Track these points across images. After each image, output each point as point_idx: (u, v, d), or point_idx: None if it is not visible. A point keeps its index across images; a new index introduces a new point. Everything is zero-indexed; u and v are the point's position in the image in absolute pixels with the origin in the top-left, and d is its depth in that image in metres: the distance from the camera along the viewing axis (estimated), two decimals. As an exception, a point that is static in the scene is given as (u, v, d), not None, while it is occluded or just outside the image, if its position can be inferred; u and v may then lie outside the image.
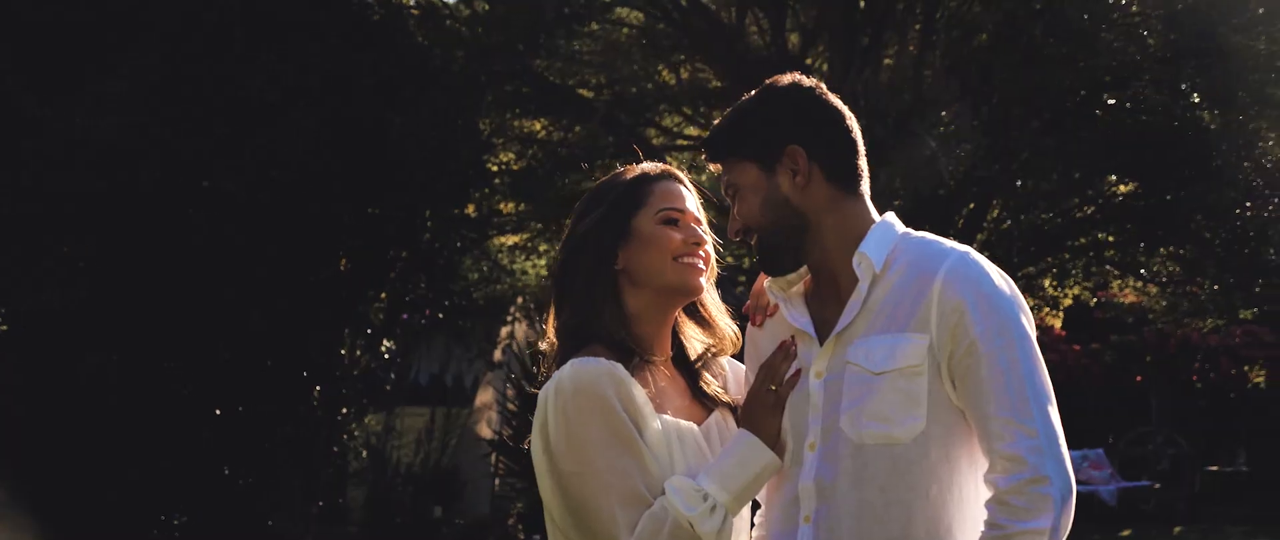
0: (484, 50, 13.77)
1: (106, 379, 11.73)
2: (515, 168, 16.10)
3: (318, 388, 12.94)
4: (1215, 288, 13.93)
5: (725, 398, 3.49)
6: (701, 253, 3.39)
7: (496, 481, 16.57)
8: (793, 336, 3.36)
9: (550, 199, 15.52)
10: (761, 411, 3.31)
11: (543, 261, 17.46)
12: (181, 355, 12.32)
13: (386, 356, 14.02)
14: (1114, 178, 14.83)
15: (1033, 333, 3.15)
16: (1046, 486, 2.99)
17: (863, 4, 14.79)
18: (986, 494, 3.09)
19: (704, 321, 3.55)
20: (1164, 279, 15.86)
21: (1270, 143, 13.10)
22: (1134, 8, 13.24)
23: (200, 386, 12.35)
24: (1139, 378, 23.02)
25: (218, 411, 12.42)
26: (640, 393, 3.21)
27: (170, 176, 11.90)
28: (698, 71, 16.78)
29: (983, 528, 3.03)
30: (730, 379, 3.59)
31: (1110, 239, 15.31)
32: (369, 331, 13.60)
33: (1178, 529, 19.10)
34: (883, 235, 3.26)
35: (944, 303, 3.11)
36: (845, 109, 3.35)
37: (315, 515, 13.29)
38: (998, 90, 13.53)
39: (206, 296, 12.07)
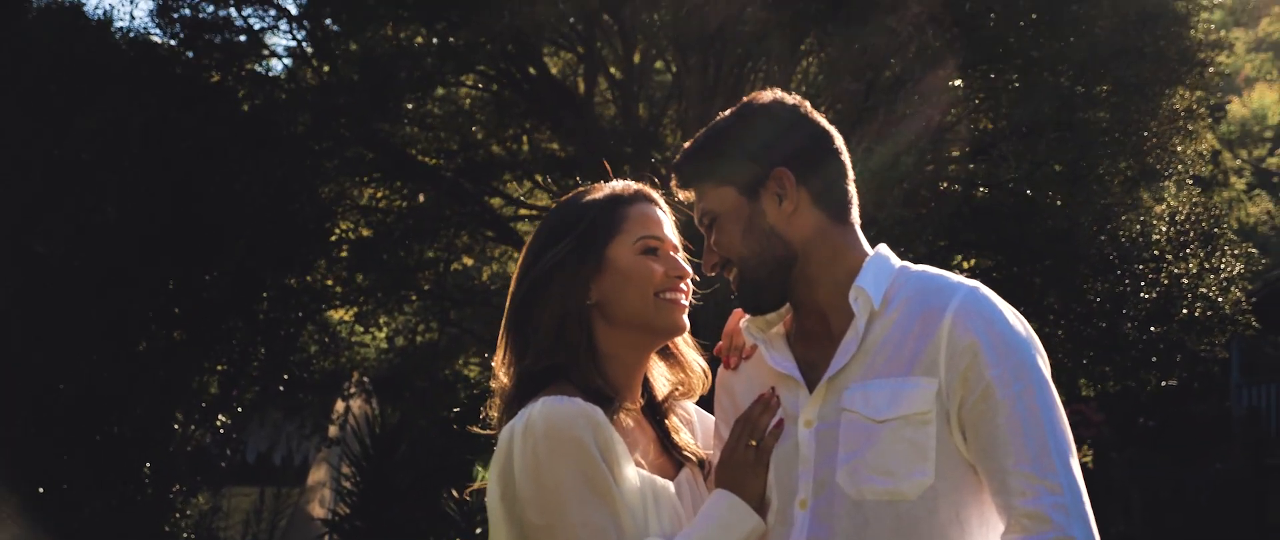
0: (328, 113, 13.25)
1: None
2: (354, 237, 15.55)
3: (148, 464, 12.17)
4: (1067, 364, 13.97)
5: (696, 451, 3.06)
6: (683, 286, 2.99)
7: (331, 563, 15.84)
8: (772, 386, 2.97)
9: (392, 269, 14.99)
10: (742, 469, 2.87)
11: (382, 334, 16.90)
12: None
13: (221, 431, 13.31)
14: (961, 258, 14.86)
15: (1050, 377, 2.82)
16: None
17: (712, 77, 14.65)
18: None
19: (671, 357, 3.12)
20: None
21: (1125, 217, 13.23)
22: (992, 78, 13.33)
23: (9, 467, 11.51)
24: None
25: (41, 490, 11.58)
26: (619, 440, 2.79)
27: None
28: (546, 139, 16.47)
29: None
30: (697, 427, 3.16)
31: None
32: (203, 404, 12.89)
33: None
34: (880, 268, 2.88)
35: (954, 343, 2.71)
36: (833, 129, 3.00)
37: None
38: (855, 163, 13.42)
39: (11, 366, 11.27)
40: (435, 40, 14.28)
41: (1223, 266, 13.79)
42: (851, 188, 2.96)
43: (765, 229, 2.87)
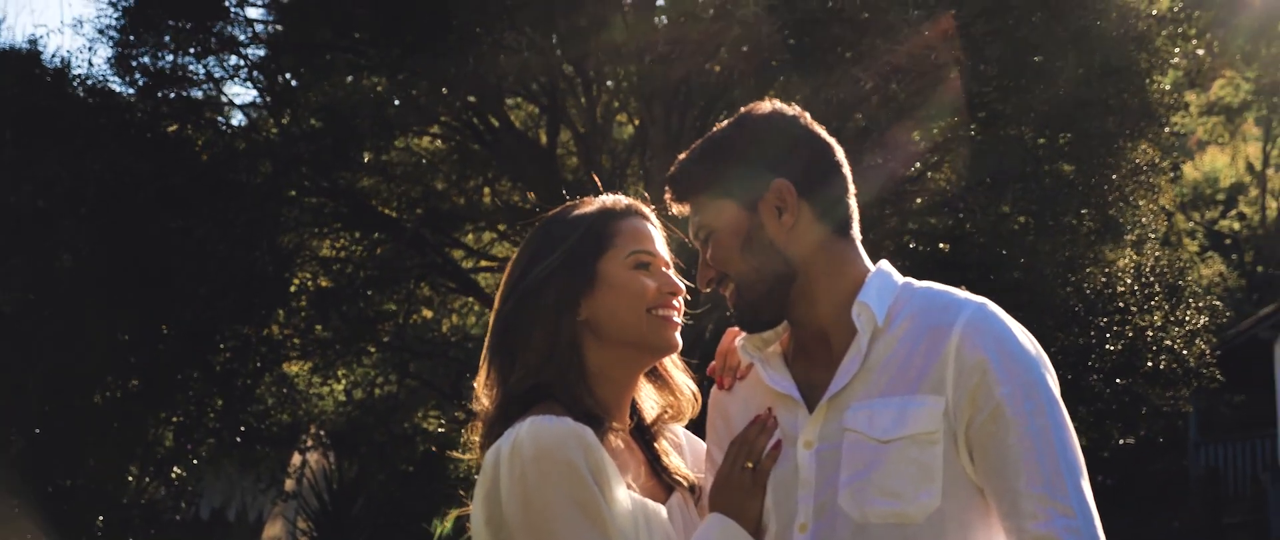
0: (289, 161, 13.11)
1: None
2: (313, 287, 15.36)
3: (100, 518, 11.91)
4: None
5: (687, 476, 2.95)
6: (676, 303, 2.89)
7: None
8: (769, 407, 2.85)
9: (351, 320, 14.82)
10: (738, 492, 2.76)
11: (340, 386, 16.69)
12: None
13: (175, 484, 13.05)
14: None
15: (1060, 395, 2.71)
16: None
17: (677, 128, 14.63)
18: None
19: (660, 379, 3.02)
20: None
21: (1089, 270, 13.23)
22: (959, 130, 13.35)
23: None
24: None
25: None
26: (611, 462, 2.67)
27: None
28: (509, 190, 16.37)
29: None
30: (686, 452, 3.04)
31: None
32: (158, 457, 12.64)
33: None
34: (883, 284, 2.77)
35: (962, 360, 2.61)
36: (834, 142, 2.90)
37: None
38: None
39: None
40: (397, 92, 14.18)
41: (1187, 319, 13.82)
42: (853, 202, 2.86)
43: (764, 243, 2.76)
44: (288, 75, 14.99)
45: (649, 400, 3.01)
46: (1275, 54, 35.80)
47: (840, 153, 2.87)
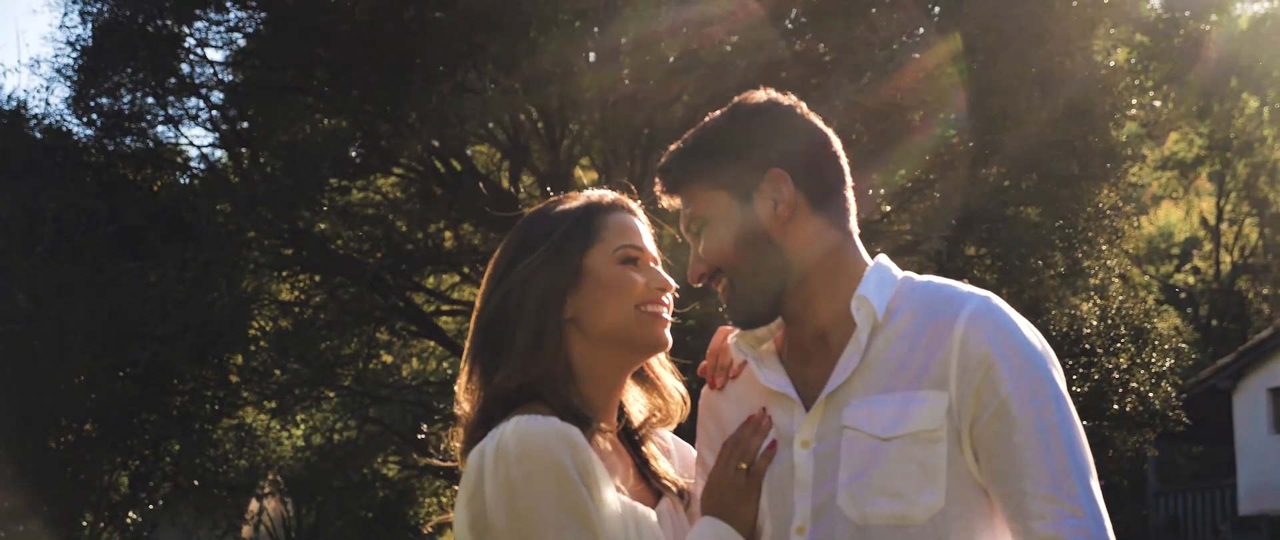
0: (248, 202, 12.96)
1: None
2: (272, 330, 15.17)
3: (54, 569, 11.70)
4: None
5: (676, 481, 2.83)
6: (666, 299, 2.77)
7: None
8: (763, 407, 2.74)
9: (311, 364, 14.62)
10: (731, 493, 2.64)
11: (299, 431, 16.46)
12: None
13: (131, 530, 12.80)
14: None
15: (1067, 393, 2.62)
16: None
17: (640, 172, 14.57)
18: None
19: (647, 381, 2.89)
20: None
21: (1054, 312, 13.21)
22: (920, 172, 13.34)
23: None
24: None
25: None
26: (599, 464, 2.55)
27: None
28: (470, 233, 16.25)
29: None
30: (675, 457, 2.92)
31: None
32: (113, 502, 12.40)
33: None
34: (882, 278, 2.66)
35: (967, 355, 2.50)
36: (831, 132, 2.81)
37: None
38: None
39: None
40: (358, 133, 14.08)
41: (1153, 361, 13.81)
42: (850, 194, 2.76)
43: (759, 235, 2.65)
44: (247, 118, 14.85)
45: (636, 403, 2.89)
46: (1228, 110, 36.18)
47: (838, 144, 2.77)
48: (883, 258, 2.75)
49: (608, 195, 2.86)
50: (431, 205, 15.66)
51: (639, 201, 2.90)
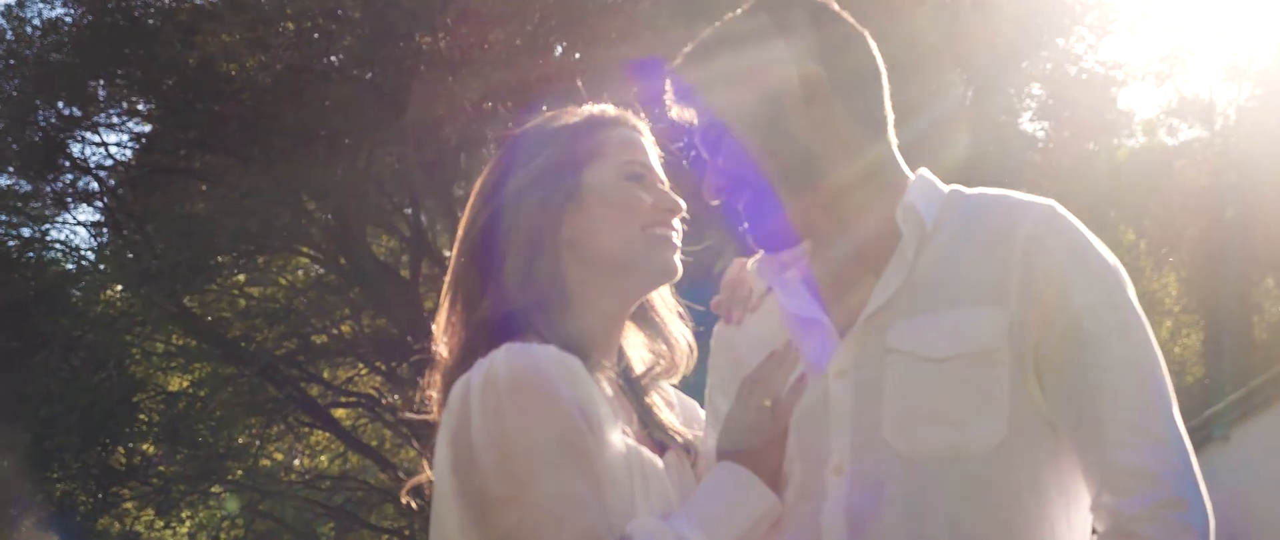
0: (138, 280, 12.44)
1: None
2: (160, 418, 14.56)
3: None
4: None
5: (683, 433, 2.43)
6: (675, 224, 2.41)
7: None
8: (788, 341, 2.35)
9: (200, 456, 14.01)
10: (753, 435, 2.26)
11: (185, 529, 15.70)
12: None
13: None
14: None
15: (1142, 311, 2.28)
16: (1186, 513, 2.04)
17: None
18: (1086, 530, 2.16)
19: (652, 326, 2.51)
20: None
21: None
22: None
23: None
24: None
25: None
26: (603, 398, 2.19)
27: None
28: (371, 320, 15.79)
29: None
30: (679, 412, 2.52)
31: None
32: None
33: None
34: (928, 189, 2.31)
35: (1031, 266, 2.15)
36: (866, 32, 2.47)
37: None
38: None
39: None
40: (257, 207, 13.66)
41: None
42: (888, 102, 2.41)
43: (790, 140, 2.29)
44: (138, 198, 14.45)
45: (638, 350, 2.51)
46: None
47: (873, 44, 2.44)
48: (926, 171, 2.40)
49: (609, 110, 2.48)
50: (330, 292, 15.21)
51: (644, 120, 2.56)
